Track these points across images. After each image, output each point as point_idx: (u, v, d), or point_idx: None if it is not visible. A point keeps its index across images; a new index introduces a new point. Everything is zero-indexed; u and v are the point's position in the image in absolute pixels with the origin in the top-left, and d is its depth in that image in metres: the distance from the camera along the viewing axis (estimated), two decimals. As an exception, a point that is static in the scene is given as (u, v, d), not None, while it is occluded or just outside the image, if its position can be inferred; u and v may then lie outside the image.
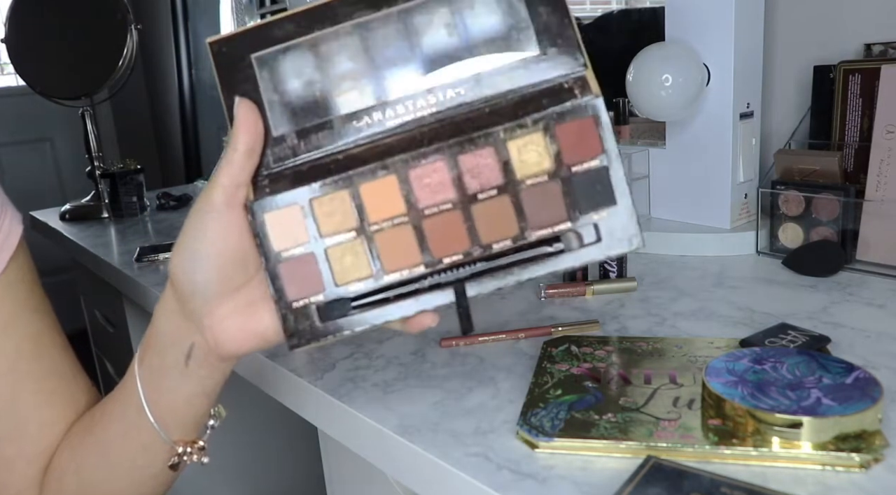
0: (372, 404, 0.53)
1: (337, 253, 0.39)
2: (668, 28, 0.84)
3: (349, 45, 0.40)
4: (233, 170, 0.38)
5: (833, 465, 0.41)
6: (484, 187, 0.39)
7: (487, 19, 0.40)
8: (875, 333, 0.58)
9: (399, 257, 0.39)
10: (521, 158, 0.39)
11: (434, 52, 0.40)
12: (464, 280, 0.39)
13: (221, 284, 0.39)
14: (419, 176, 0.39)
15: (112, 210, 1.37)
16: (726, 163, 0.82)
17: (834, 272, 0.73)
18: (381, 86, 0.40)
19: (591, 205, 0.38)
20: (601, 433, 0.44)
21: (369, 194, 0.39)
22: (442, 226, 0.39)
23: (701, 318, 0.64)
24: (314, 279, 0.39)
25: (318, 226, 0.39)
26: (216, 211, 0.38)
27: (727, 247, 0.82)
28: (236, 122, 0.38)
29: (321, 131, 0.40)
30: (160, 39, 2.53)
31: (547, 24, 0.40)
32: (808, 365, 0.47)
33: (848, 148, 0.78)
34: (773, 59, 0.92)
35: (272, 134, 0.40)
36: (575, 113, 0.39)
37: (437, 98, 0.40)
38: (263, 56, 0.40)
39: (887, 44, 0.80)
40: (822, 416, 0.41)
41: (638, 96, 0.80)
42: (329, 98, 0.40)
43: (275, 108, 0.40)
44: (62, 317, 0.56)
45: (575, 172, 0.38)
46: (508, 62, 0.39)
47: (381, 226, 0.39)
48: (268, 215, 0.39)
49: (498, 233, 0.39)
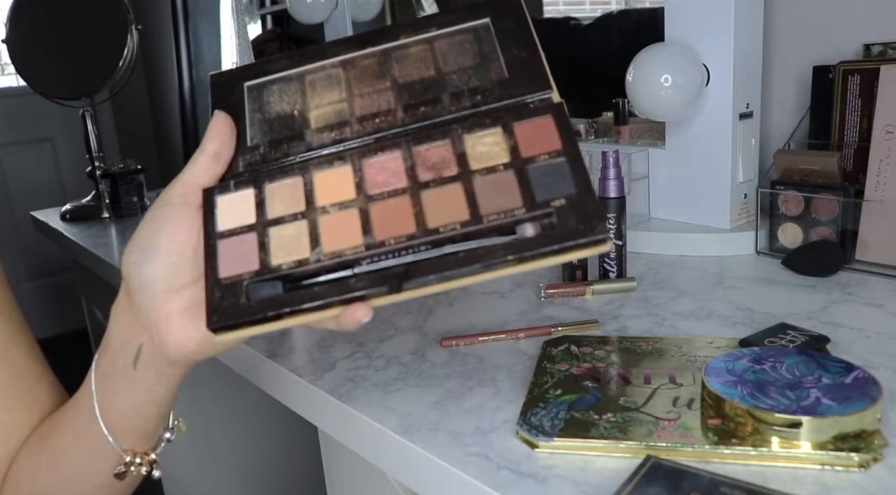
0: (372, 404, 0.53)
1: (278, 233, 0.38)
2: (668, 28, 0.84)
3: (332, 74, 0.43)
4: (195, 170, 0.40)
5: (832, 465, 0.41)
6: (436, 177, 0.38)
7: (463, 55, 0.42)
8: (874, 333, 0.59)
9: (341, 238, 0.37)
10: (476, 151, 0.38)
11: (409, 80, 0.42)
12: (407, 265, 0.36)
13: (170, 279, 0.39)
14: (373, 165, 0.39)
15: (112, 210, 1.37)
16: (726, 164, 0.83)
17: (833, 272, 0.73)
18: (355, 106, 0.42)
19: (548, 194, 0.36)
20: (601, 433, 0.45)
21: (322, 181, 0.40)
22: (388, 210, 0.38)
23: (700, 318, 0.64)
24: (250, 257, 0.38)
25: (266, 208, 0.39)
26: (172, 205, 0.39)
27: (727, 247, 0.83)
28: (209, 128, 0.41)
29: (292, 141, 0.41)
30: (160, 40, 2.53)
31: (516, 56, 0.41)
32: (807, 364, 0.47)
33: (847, 148, 0.79)
34: (772, 59, 0.92)
35: (247, 143, 0.42)
36: (534, 113, 0.39)
37: (407, 115, 0.41)
38: (254, 84, 0.44)
39: (886, 44, 0.80)
40: (822, 416, 0.41)
41: (637, 96, 0.80)
42: (305, 115, 0.42)
43: (254, 122, 0.42)
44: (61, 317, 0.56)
45: (532, 163, 0.37)
46: (476, 85, 0.41)
47: (327, 210, 0.39)
48: (220, 198, 0.40)
49: (447, 218, 0.36)
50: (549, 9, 1.20)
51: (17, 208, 2.65)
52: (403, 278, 0.35)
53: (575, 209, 0.35)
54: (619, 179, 0.73)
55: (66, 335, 0.72)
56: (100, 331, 1.43)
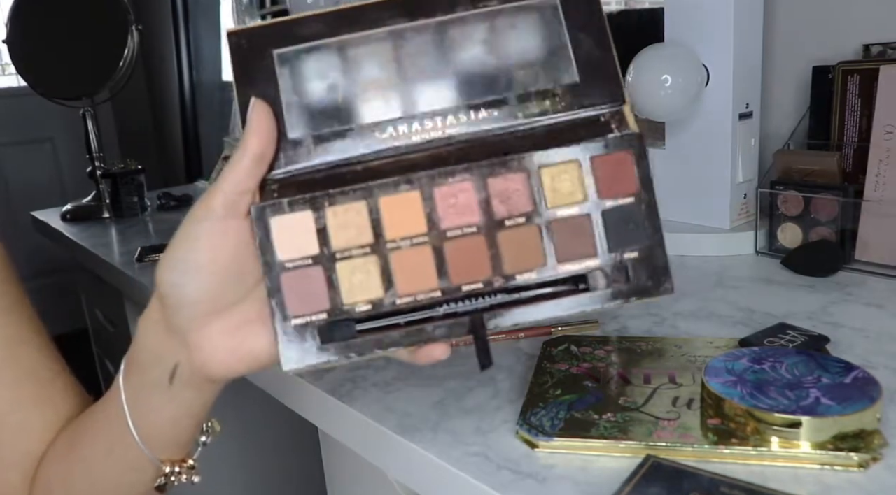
0: (372, 404, 0.53)
1: (347, 269, 0.36)
2: (668, 29, 0.84)
3: (379, 51, 0.37)
4: (238, 176, 0.35)
5: (832, 465, 0.41)
6: (512, 213, 0.36)
7: (527, 41, 0.37)
8: (874, 333, 0.59)
9: (415, 280, 0.35)
10: (553, 187, 0.36)
11: (468, 69, 0.37)
12: (482, 311, 0.35)
13: (213, 300, 0.36)
14: (444, 195, 0.36)
15: (113, 210, 1.37)
16: (725, 164, 0.83)
17: (833, 272, 0.73)
18: (410, 98, 0.37)
19: (622, 244, 0.35)
20: (601, 432, 0.45)
21: (389, 208, 0.36)
22: (464, 251, 0.36)
23: (700, 318, 0.64)
24: (319, 295, 0.35)
25: (330, 237, 0.36)
26: (214, 218, 0.35)
27: (726, 247, 0.83)
28: (248, 124, 0.35)
29: (341, 138, 0.37)
30: (161, 40, 2.53)
31: (588, 53, 0.37)
32: (806, 364, 0.48)
33: (847, 148, 0.79)
34: (772, 59, 0.92)
35: (287, 136, 0.37)
36: (613, 146, 0.36)
37: (469, 117, 0.37)
38: (286, 53, 0.37)
39: (886, 44, 0.80)
40: (821, 416, 0.41)
41: (637, 96, 0.80)
42: (352, 104, 0.37)
43: (292, 109, 0.37)
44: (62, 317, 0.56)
45: (608, 207, 0.36)
46: (545, 87, 0.37)
47: (398, 245, 0.36)
48: (274, 220, 0.36)
49: (523, 263, 0.35)
50: (549, 9, 1.20)
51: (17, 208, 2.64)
52: (481, 325, 0.35)
53: (646, 263, 0.35)
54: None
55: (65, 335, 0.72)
56: (100, 331, 1.43)
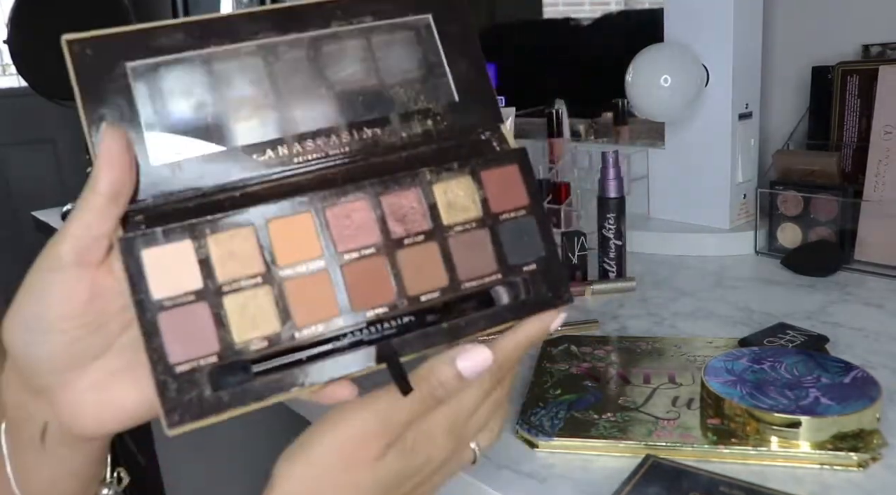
0: (373, 404, 0.53)
1: (237, 302, 0.31)
2: (668, 29, 0.84)
3: (251, 67, 0.34)
4: (89, 218, 0.30)
5: (831, 464, 0.41)
6: (410, 232, 0.34)
7: (404, 59, 0.36)
8: (873, 333, 0.59)
9: (314, 309, 0.32)
10: (448, 202, 0.35)
11: (347, 87, 0.35)
12: (390, 336, 0.33)
13: (71, 357, 0.31)
14: (337, 215, 0.33)
15: (113, 210, 1.38)
16: (725, 164, 0.83)
17: (832, 272, 0.73)
18: (287, 117, 0.34)
19: (520, 257, 0.35)
20: (600, 432, 0.45)
21: (279, 232, 0.32)
22: (364, 274, 0.33)
23: (700, 318, 0.64)
24: (206, 335, 0.31)
25: (214, 268, 0.31)
26: (64, 268, 0.30)
27: (726, 247, 0.83)
28: (99, 155, 0.30)
29: (213, 162, 0.33)
30: (161, 40, 2.53)
31: (464, 73, 0.37)
32: (806, 364, 0.48)
33: (846, 148, 0.79)
34: (771, 60, 0.92)
35: (150, 162, 0.32)
36: (500, 159, 0.36)
37: (352, 137, 0.35)
38: (141, 67, 0.32)
39: (885, 45, 0.80)
40: (821, 416, 0.42)
41: (637, 97, 0.81)
42: (224, 125, 0.33)
43: (154, 130, 0.32)
44: None
45: (502, 221, 0.35)
46: (425, 106, 0.36)
47: (292, 272, 0.32)
48: (146, 252, 0.31)
49: (426, 283, 0.34)
50: (548, 9, 1.21)
51: (18, 208, 2.65)
52: (392, 352, 0.32)
53: (544, 275, 0.35)
54: (619, 179, 0.74)
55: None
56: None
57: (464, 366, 0.32)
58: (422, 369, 0.33)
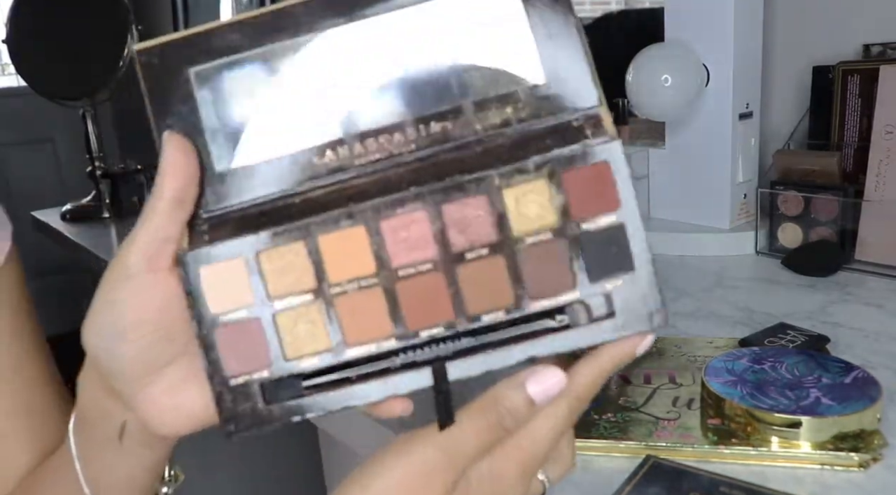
0: (372, 404, 0.53)
1: (288, 319, 0.32)
2: (668, 29, 0.84)
3: (311, 61, 0.32)
4: (155, 224, 0.31)
5: (832, 465, 0.41)
6: (473, 245, 0.31)
7: (483, 39, 0.32)
8: (874, 333, 0.59)
9: (365, 327, 0.31)
10: (519, 211, 0.31)
11: (416, 76, 0.32)
12: (444, 359, 0.31)
13: (146, 363, 0.32)
14: (393, 228, 0.31)
15: (113, 210, 1.38)
16: (726, 164, 0.83)
17: (833, 272, 0.73)
18: (350, 114, 0.32)
19: (604, 272, 0.31)
20: (601, 432, 0.45)
21: (330, 248, 0.32)
22: (420, 292, 0.31)
23: (700, 318, 0.64)
24: (259, 351, 0.32)
25: (266, 285, 0.32)
26: (134, 277, 0.31)
27: (726, 247, 0.83)
28: (162, 162, 0.31)
29: (274, 168, 0.33)
30: (160, 40, 2.53)
31: (555, 49, 0.32)
32: (806, 364, 0.48)
33: (847, 148, 0.79)
34: (772, 59, 0.92)
35: (214, 169, 0.32)
36: (586, 157, 0.31)
37: (419, 132, 0.32)
38: (205, 71, 0.32)
39: (886, 44, 0.80)
40: (821, 416, 0.41)
41: (637, 96, 0.80)
42: (284, 127, 0.33)
43: (218, 137, 0.32)
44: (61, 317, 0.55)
45: (585, 230, 0.31)
46: (506, 91, 0.32)
47: (343, 289, 0.31)
48: (204, 269, 0.32)
49: (488, 302, 0.31)
50: (549, 9, 1.20)
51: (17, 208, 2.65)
52: (444, 375, 0.31)
53: (633, 293, 0.31)
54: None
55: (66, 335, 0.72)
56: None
57: (535, 391, 0.30)
58: (487, 396, 0.30)
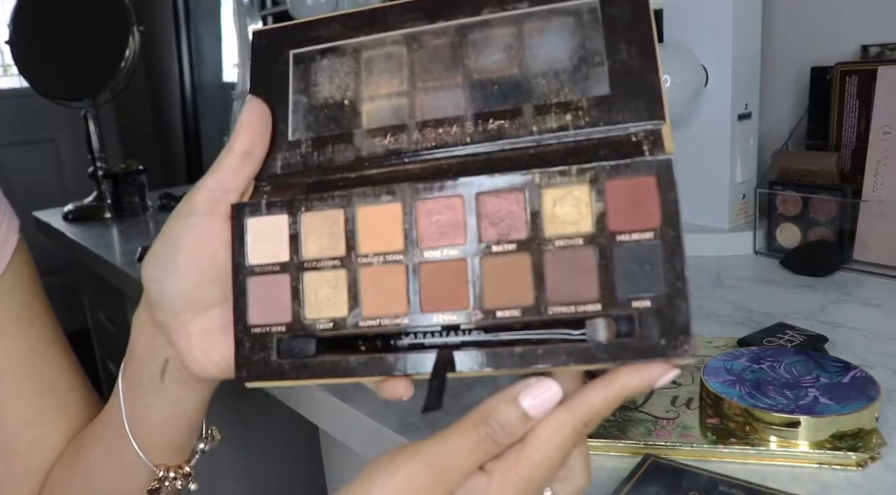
0: (372, 402, 0.53)
1: (314, 281, 0.33)
2: (667, 29, 0.84)
3: (393, 54, 0.35)
4: (222, 173, 0.34)
5: (830, 464, 0.41)
6: (501, 238, 0.31)
7: (556, 47, 0.33)
8: (872, 333, 0.59)
9: (382, 302, 0.32)
10: (554, 212, 0.30)
11: (484, 76, 0.34)
12: (451, 347, 0.31)
13: (191, 300, 0.35)
14: (428, 210, 0.32)
15: (114, 210, 1.38)
16: (724, 164, 0.83)
17: (831, 272, 0.74)
18: (417, 105, 0.34)
19: (632, 289, 0.29)
20: (600, 432, 0.45)
21: (366, 220, 0.33)
22: (441, 276, 0.31)
23: (699, 318, 0.64)
24: (282, 306, 0.33)
25: (302, 245, 0.33)
26: (196, 215, 0.34)
27: (725, 247, 0.83)
28: (239, 120, 0.34)
29: (339, 144, 0.35)
30: (162, 41, 2.53)
31: (625, 62, 0.32)
32: (805, 364, 0.48)
33: (845, 148, 0.79)
34: (770, 60, 0.92)
35: (288, 137, 0.35)
36: (635, 169, 0.30)
37: (476, 127, 0.33)
38: (302, 54, 0.36)
39: (884, 45, 0.80)
40: (820, 415, 0.42)
41: (637, 97, 0.81)
42: (357, 108, 0.35)
43: (299, 109, 0.36)
44: (64, 317, 0.55)
45: (619, 242, 0.29)
46: (569, 99, 0.32)
47: (370, 261, 0.32)
48: (251, 221, 0.34)
49: (506, 298, 0.30)
50: (549, 10, 1.21)
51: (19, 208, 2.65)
52: (450, 365, 0.31)
53: (660, 315, 0.28)
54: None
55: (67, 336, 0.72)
56: (102, 332, 1.43)
57: (530, 405, 0.29)
58: (479, 410, 0.30)
